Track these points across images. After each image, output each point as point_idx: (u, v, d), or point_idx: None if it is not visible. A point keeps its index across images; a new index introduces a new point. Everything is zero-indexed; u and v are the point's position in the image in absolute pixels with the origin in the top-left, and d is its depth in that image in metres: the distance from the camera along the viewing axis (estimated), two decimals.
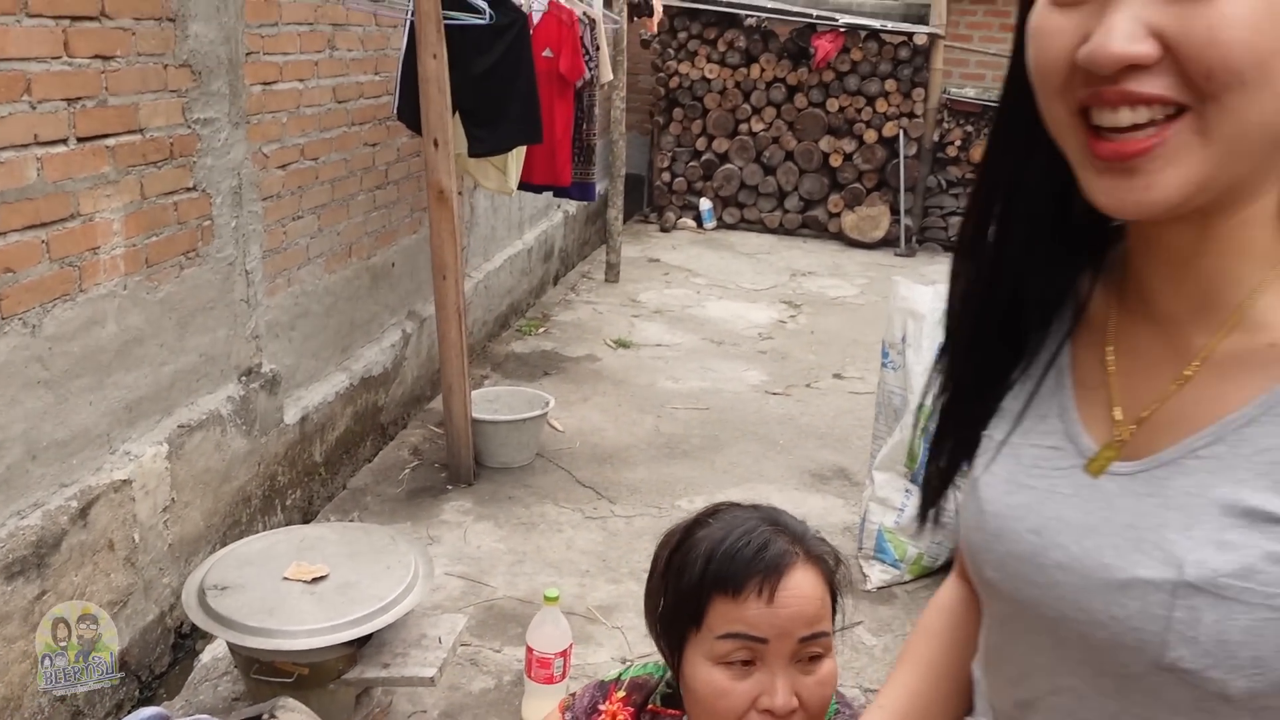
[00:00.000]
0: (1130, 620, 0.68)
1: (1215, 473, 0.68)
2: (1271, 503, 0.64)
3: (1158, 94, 0.62)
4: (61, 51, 2.38)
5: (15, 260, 2.28)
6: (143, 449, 2.72)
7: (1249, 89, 0.60)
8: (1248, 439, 0.67)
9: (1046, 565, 0.73)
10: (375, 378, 4.14)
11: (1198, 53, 0.60)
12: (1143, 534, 0.69)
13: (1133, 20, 0.61)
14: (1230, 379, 0.69)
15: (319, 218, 3.70)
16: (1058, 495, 0.75)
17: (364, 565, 2.37)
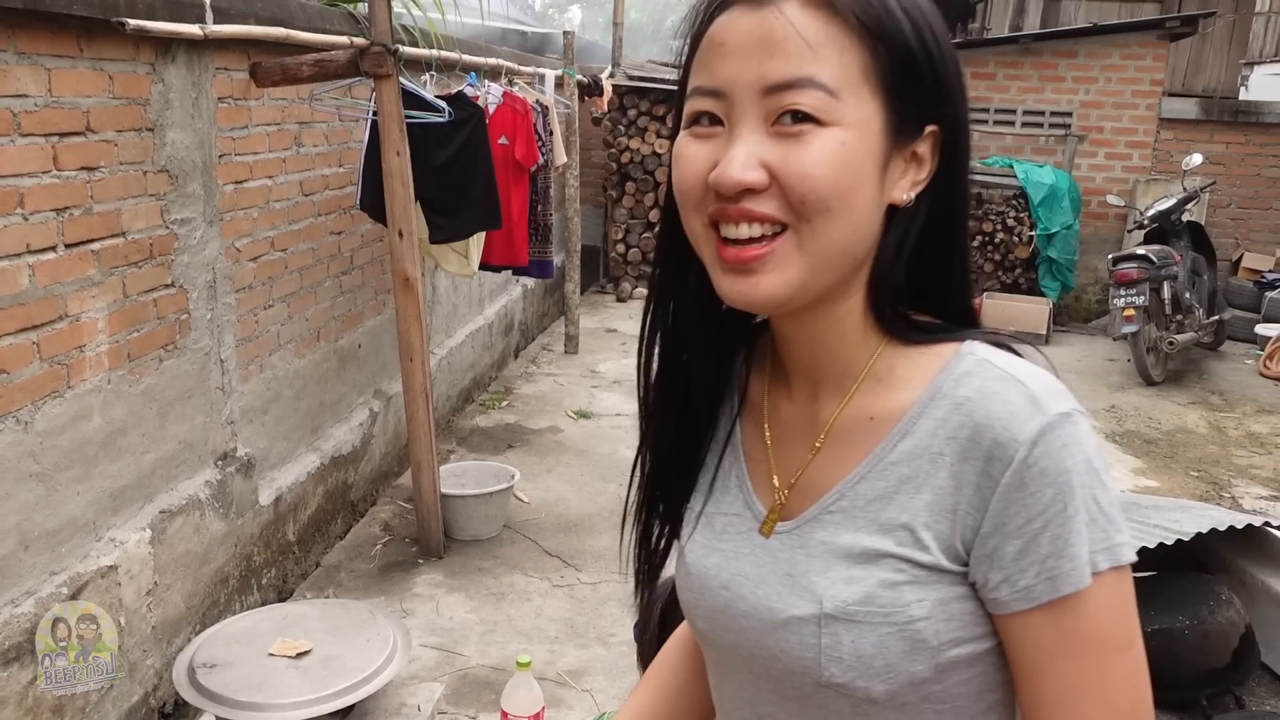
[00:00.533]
0: (794, 650, 0.83)
1: (841, 524, 0.84)
2: (879, 543, 0.81)
3: (767, 213, 0.77)
4: (51, 165, 2.55)
5: (9, 362, 2.42)
6: (127, 535, 2.84)
7: (833, 214, 0.77)
8: (860, 493, 0.84)
9: (736, 614, 0.88)
10: (345, 456, 4.28)
11: (794, 182, 0.76)
12: (796, 580, 0.85)
13: (748, 154, 0.77)
14: (846, 446, 0.86)
15: (289, 305, 3.86)
16: (741, 555, 0.90)
17: (345, 639, 2.50)
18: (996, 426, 0.77)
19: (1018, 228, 8.36)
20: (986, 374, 0.81)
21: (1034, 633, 0.78)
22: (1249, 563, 3.00)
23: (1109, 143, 8.90)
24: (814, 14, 0.77)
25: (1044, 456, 0.76)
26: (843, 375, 0.87)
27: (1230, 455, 5.71)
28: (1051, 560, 0.76)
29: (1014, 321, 8.17)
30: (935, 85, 0.81)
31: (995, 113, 9.01)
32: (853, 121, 0.77)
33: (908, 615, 0.79)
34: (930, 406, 0.82)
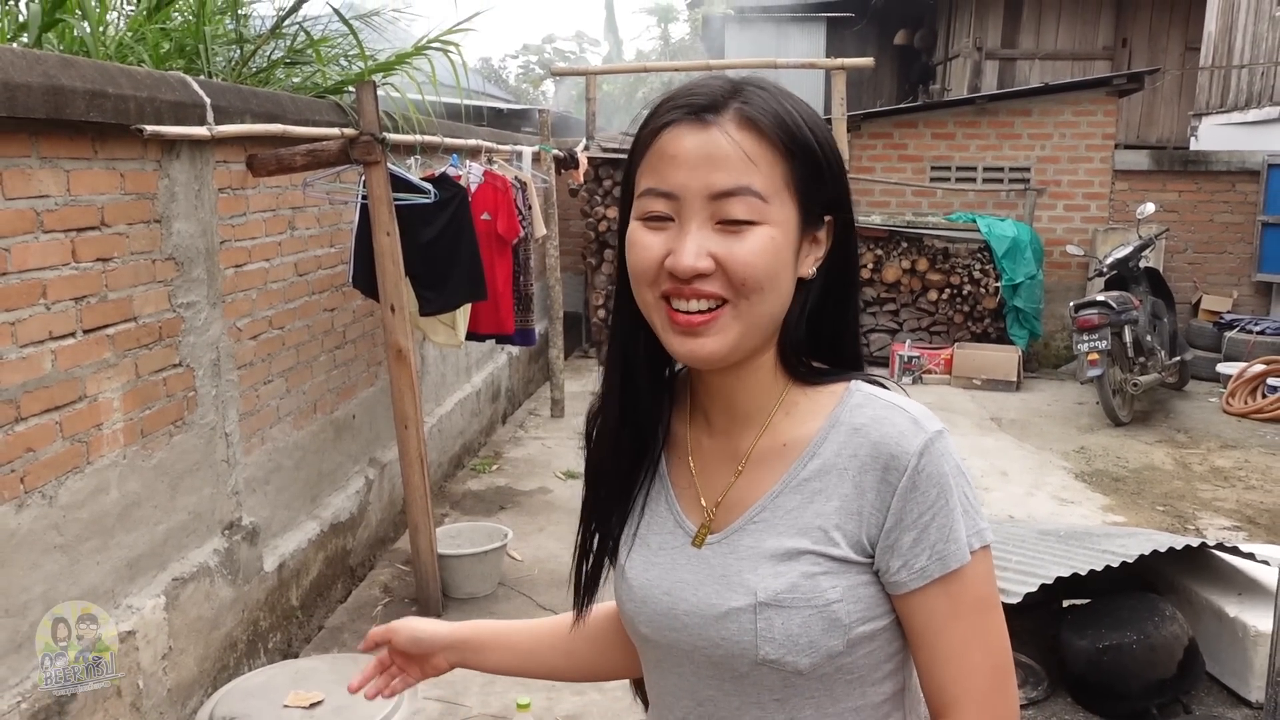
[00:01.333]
0: (734, 636, 1.02)
1: (765, 531, 1.04)
2: (799, 543, 1.01)
3: (713, 291, 0.98)
4: (70, 258, 2.76)
5: (35, 441, 2.61)
6: (143, 602, 3.01)
7: (764, 292, 0.99)
8: (779, 505, 1.04)
9: (679, 614, 1.06)
10: (343, 523, 4.44)
11: (737, 270, 0.97)
12: (730, 579, 1.03)
13: (698, 246, 0.97)
14: (765, 468, 1.06)
15: (286, 380, 4.05)
16: (678, 565, 1.08)
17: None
18: (890, 444, 1.00)
19: (984, 279, 8.65)
20: (875, 405, 1.04)
21: (930, 603, 0.99)
22: (1193, 582, 3.20)
23: (1067, 195, 9.25)
24: (747, 133, 0.97)
25: (929, 464, 0.99)
26: (757, 412, 1.08)
27: (1195, 489, 5.93)
28: (940, 545, 0.98)
29: (985, 370, 8.43)
30: (833, 185, 1.03)
31: (956, 170, 9.36)
32: (778, 220, 0.98)
33: (825, 599, 0.99)
34: (832, 433, 1.04)
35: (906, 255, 8.86)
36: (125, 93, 2.90)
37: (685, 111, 0.99)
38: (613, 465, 1.15)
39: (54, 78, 2.61)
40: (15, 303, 2.54)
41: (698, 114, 0.98)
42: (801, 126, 1.00)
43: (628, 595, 1.12)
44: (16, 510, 2.53)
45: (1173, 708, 2.84)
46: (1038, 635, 3.22)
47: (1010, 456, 6.52)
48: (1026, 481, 6.00)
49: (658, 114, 1.02)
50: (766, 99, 1.00)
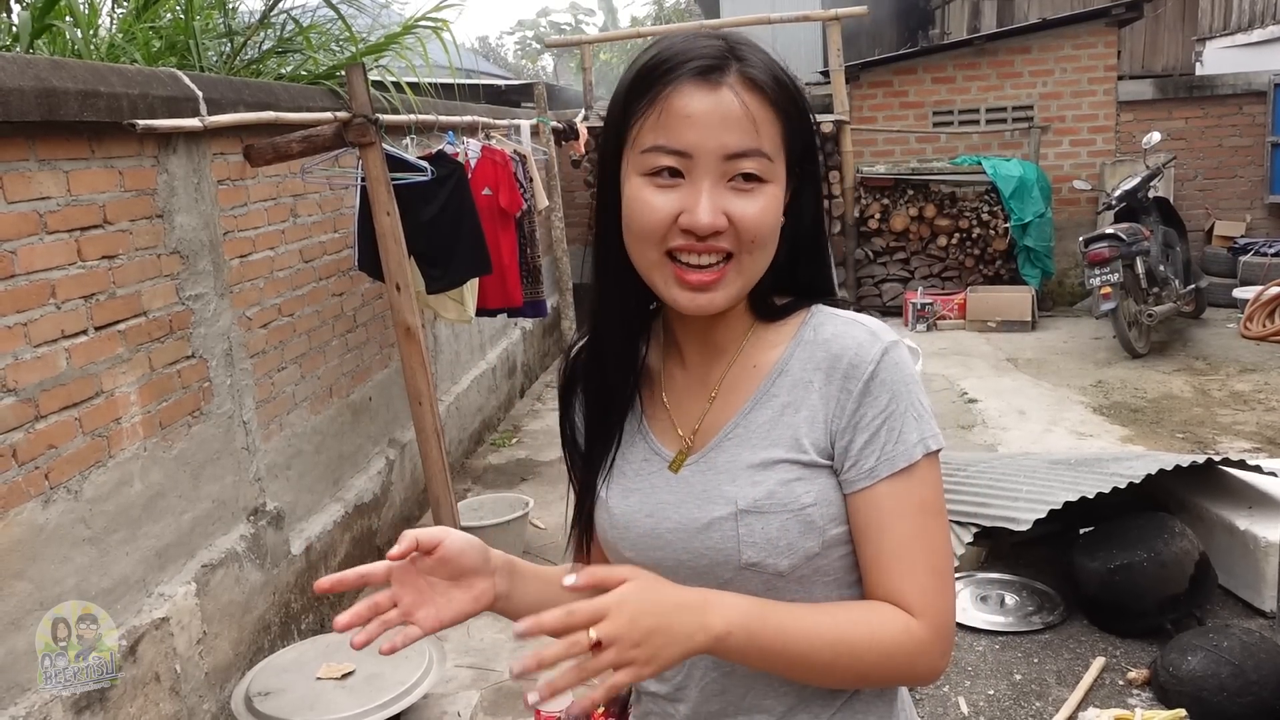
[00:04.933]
0: (717, 545, 1.08)
1: (740, 445, 1.10)
2: (773, 453, 1.08)
3: (723, 246, 1.04)
4: (76, 257, 2.81)
5: (56, 438, 2.67)
6: (175, 589, 3.08)
7: (765, 247, 1.06)
8: (752, 420, 1.11)
9: (661, 532, 1.12)
10: (367, 504, 4.51)
11: (748, 226, 1.03)
12: (710, 493, 1.10)
13: (713, 203, 1.02)
14: (737, 391, 1.13)
15: (300, 366, 4.11)
16: (657, 489, 1.14)
17: (385, 659, 2.72)
18: (850, 353, 1.07)
19: (992, 221, 8.61)
20: (836, 321, 1.12)
21: (876, 501, 1.05)
22: (1204, 499, 3.22)
23: (1072, 130, 9.17)
24: (752, 96, 1.02)
25: (883, 370, 1.06)
26: (728, 344, 1.15)
27: (1215, 415, 5.92)
28: (889, 446, 1.05)
29: (999, 311, 8.41)
30: (811, 143, 1.10)
31: (959, 114, 9.30)
32: (776, 178, 1.05)
33: (800, 503, 1.06)
34: (798, 350, 1.11)
35: (913, 203, 8.82)
36: (117, 91, 2.94)
37: (693, 72, 1.02)
38: (599, 411, 1.20)
39: (46, 80, 2.64)
40: (26, 304, 2.60)
41: (705, 74, 1.01)
42: (788, 86, 1.06)
43: (610, 523, 1.17)
44: (44, 506, 2.60)
45: (1187, 622, 2.87)
46: (1054, 563, 3.25)
47: (1027, 395, 6.53)
48: (1044, 419, 6.01)
49: (661, 72, 1.04)
50: (763, 59, 1.05)
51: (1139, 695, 2.66)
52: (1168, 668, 2.61)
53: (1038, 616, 3.03)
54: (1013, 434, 5.73)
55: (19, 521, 2.51)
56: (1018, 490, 3.12)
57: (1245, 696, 2.52)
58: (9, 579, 2.46)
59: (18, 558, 2.49)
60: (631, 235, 1.07)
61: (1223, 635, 2.63)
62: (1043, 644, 2.89)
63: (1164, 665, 2.63)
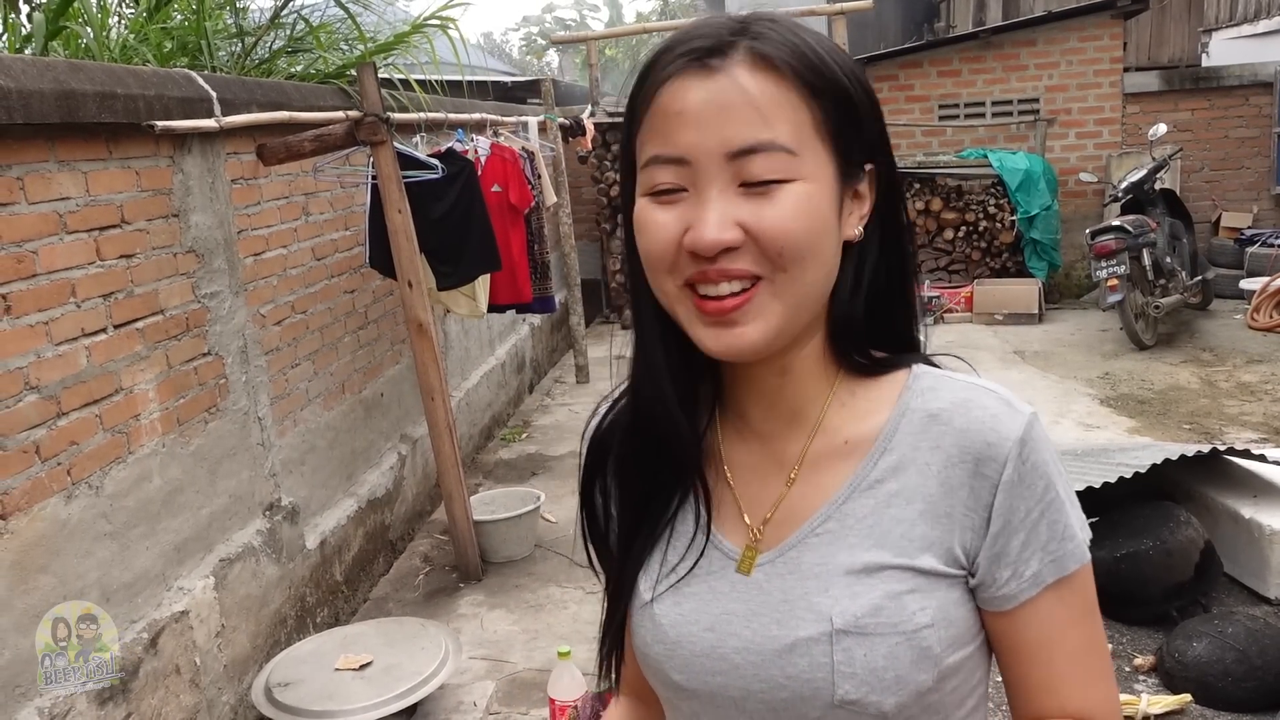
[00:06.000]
0: (803, 674, 0.84)
1: (833, 544, 0.86)
2: (878, 556, 0.84)
3: (743, 269, 0.80)
4: (95, 257, 2.86)
5: (78, 434, 2.72)
6: (193, 583, 3.13)
7: (807, 262, 0.81)
8: (849, 513, 0.87)
9: (725, 653, 0.87)
10: (380, 499, 4.56)
11: (773, 237, 0.79)
12: (794, 604, 0.85)
13: (721, 214, 0.79)
14: (824, 472, 0.89)
15: (313, 362, 4.16)
16: (720, 595, 0.89)
17: (401, 649, 2.77)
18: (983, 431, 0.84)
19: (999, 214, 8.63)
20: (952, 387, 0.88)
21: (1044, 613, 0.84)
22: (1209, 488, 3.26)
23: (1078, 122, 9.18)
24: (763, 78, 0.80)
25: (1033, 453, 0.84)
26: (807, 408, 0.90)
27: (1221, 406, 5.94)
28: (1053, 544, 0.83)
29: (1006, 304, 8.43)
30: (870, 127, 0.86)
31: (965, 107, 9.31)
32: (811, 173, 0.80)
33: (914, 624, 0.82)
34: (903, 423, 0.87)
35: (920, 196, 8.85)
36: (133, 92, 2.98)
37: (687, 59, 0.81)
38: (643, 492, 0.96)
39: (64, 82, 2.69)
40: (47, 302, 2.64)
41: (701, 60, 0.81)
42: (825, 59, 0.83)
43: (656, 637, 0.92)
44: (66, 501, 2.65)
45: (1192, 609, 2.90)
46: None
47: (1035, 387, 6.55)
48: (1051, 410, 6.03)
49: (655, 67, 0.84)
50: (782, 31, 0.83)
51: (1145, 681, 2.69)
52: (1173, 654, 2.65)
53: None
54: None
55: (43, 516, 2.56)
56: None
57: (1250, 681, 2.56)
58: (33, 573, 2.51)
59: (42, 552, 2.54)
60: (647, 267, 0.86)
61: (1228, 622, 2.67)
62: None
63: (1170, 651, 2.67)
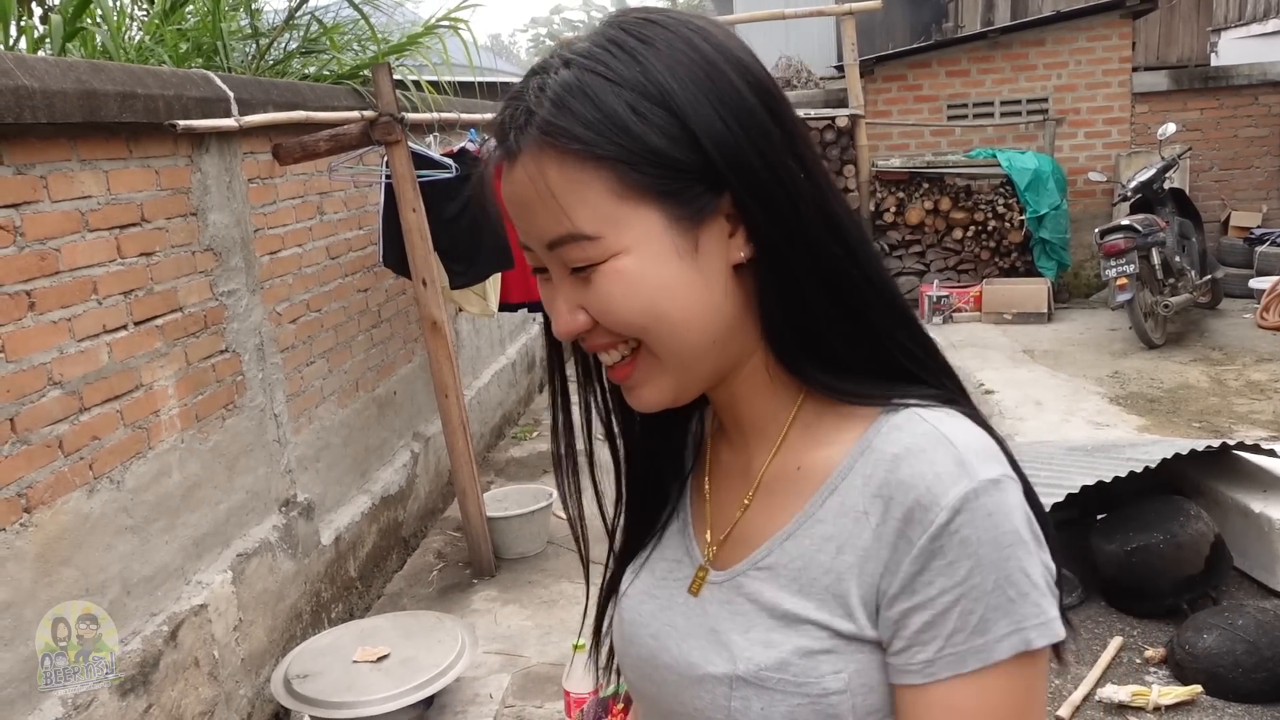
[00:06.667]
0: (706, 710, 0.79)
1: (767, 582, 0.80)
2: (800, 606, 0.77)
3: (608, 342, 0.78)
4: (116, 255, 2.90)
5: (99, 429, 2.76)
6: (212, 577, 3.16)
7: (655, 328, 0.76)
8: (787, 551, 0.79)
9: (659, 665, 0.85)
10: (393, 496, 4.60)
11: (604, 320, 0.76)
12: (718, 637, 0.81)
13: (565, 301, 0.78)
14: (777, 499, 0.82)
15: (328, 360, 4.19)
16: (674, 605, 0.86)
17: (418, 642, 2.80)
18: (920, 487, 0.73)
19: (1008, 214, 8.64)
20: (916, 430, 0.76)
21: (930, 709, 0.73)
22: (1219, 483, 3.28)
23: (1087, 122, 9.19)
24: (552, 161, 0.73)
25: (965, 525, 0.71)
26: (766, 425, 0.85)
27: (1231, 405, 5.95)
28: (959, 636, 0.71)
29: (1015, 304, 8.44)
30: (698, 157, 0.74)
31: (973, 106, 9.32)
32: (628, 243, 0.74)
33: (822, 687, 0.75)
34: (860, 461, 0.78)
35: (928, 196, 8.86)
36: (153, 92, 3.02)
37: (499, 144, 0.78)
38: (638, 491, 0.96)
39: (86, 82, 2.73)
40: (70, 299, 2.68)
41: (504, 145, 0.76)
42: (608, 97, 0.72)
43: (617, 629, 0.92)
44: (88, 495, 2.68)
45: (1202, 602, 2.92)
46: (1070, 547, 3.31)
47: (1044, 386, 6.56)
48: (1061, 409, 6.04)
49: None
50: (571, 85, 0.73)
51: (1156, 673, 2.71)
52: (1184, 645, 2.67)
53: None
54: (1030, 424, 5.77)
55: (66, 510, 2.60)
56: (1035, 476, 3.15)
57: (1260, 672, 2.58)
58: (57, 565, 2.55)
59: (65, 545, 2.58)
60: None
61: (1238, 614, 2.69)
62: None
63: (1180, 643, 2.69)
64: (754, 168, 0.75)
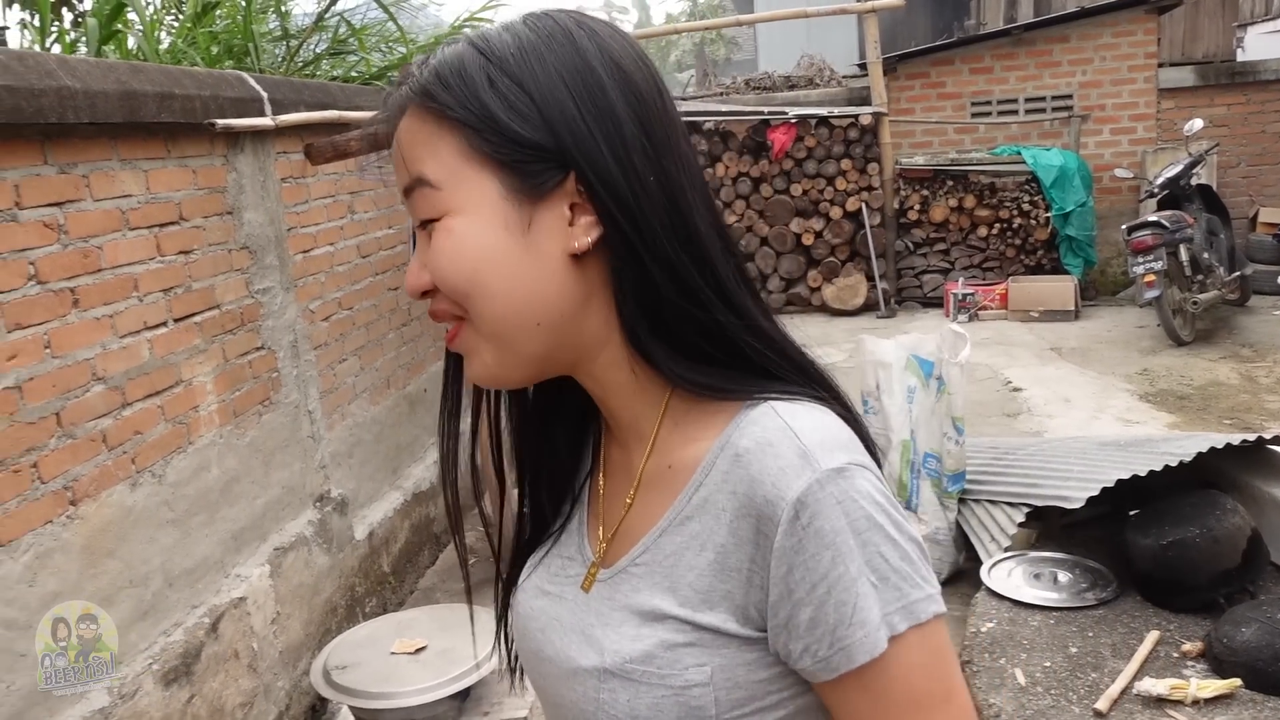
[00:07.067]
0: (578, 702, 0.81)
1: (642, 578, 0.82)
2: (663, 602, 0.79)
3: (443, 309, 0.81)
4: (155, 253, 2.94)
5: (142, 424, 2.80)
6: (250, 570, 3.20)
7: (475, 297, 0.77)
8: (660, 547, 0.81)
9: (544, 659, 0.87)
10: (424, 493, 4.63)
11: (434, 276, 0.79)
12: (592, 632, 0.83)
13: (417, 260, 0.80)
14: (653, 497, 0.83)
15: (360, 358, 4.23)
16: (564, 600, 0.88)
17: (455, 634, 2.83)
18: (766, 483, 0.74)
19: (1033, 211, 8.61)
20: (767, 424, 0.77)
21: (847, 701, 0.75)
22: (1255, 478, 3.26)
23: (1113, 119, 9.14)
24: (421, 110, 0.78)
25: (816, 517, 0.72)
26: (639, 423, 0.85)
27: (1262, 401, 5.91)
28: (841, 629, 0.72)
29: (1042, 301, 8.41)
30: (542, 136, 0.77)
31: (997, 104, 9.30)
32: (463, 203, 0.77)
33: (684, 680, 0.77)
34: (720, 457, 0.78)
35: (952, 194, 8.84)
36: (190, 92, 3.06)
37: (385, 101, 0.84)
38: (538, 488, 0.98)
39: (126, 83, 2.77)
40: (112, 296, 2.72)
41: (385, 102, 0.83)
42: (475, 69, 0.77)
43: (514, 622, 0.94)
44: (131, 489, 2.72)
45: (1239, 596, 2.91)
46: (1105, 542, 3.30)
47: (1072, 383, 6.54)
48: (1090, 406, 6.02)
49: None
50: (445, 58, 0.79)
51: (1194, 667, 2.71)
52: (1222, 639, 2.66)
53: (1091, 593, 3.08)
54: (1058, 421, 5.75)
55: (110, 503, 2.64)
56: (1069, 470, 3.16)
57: None
58: (101, 557, 2.59)
59: (110, 537, 2.62)
60: None
61: (1276, 607, 2.68)
62: (1097, 619, 2.95)
63: (1218, 637, 2.68)
64: (599, 156, 0.76)
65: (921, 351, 3.68)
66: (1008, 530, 3.41)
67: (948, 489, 3.66)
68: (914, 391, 3.67)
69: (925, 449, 3.67)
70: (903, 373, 3.67)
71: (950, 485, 3.66)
